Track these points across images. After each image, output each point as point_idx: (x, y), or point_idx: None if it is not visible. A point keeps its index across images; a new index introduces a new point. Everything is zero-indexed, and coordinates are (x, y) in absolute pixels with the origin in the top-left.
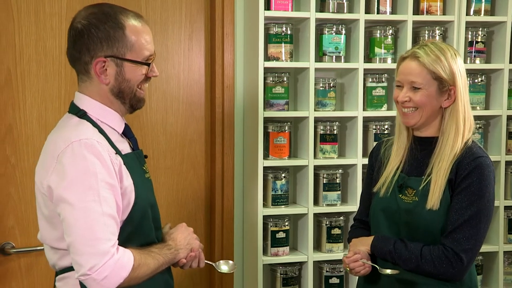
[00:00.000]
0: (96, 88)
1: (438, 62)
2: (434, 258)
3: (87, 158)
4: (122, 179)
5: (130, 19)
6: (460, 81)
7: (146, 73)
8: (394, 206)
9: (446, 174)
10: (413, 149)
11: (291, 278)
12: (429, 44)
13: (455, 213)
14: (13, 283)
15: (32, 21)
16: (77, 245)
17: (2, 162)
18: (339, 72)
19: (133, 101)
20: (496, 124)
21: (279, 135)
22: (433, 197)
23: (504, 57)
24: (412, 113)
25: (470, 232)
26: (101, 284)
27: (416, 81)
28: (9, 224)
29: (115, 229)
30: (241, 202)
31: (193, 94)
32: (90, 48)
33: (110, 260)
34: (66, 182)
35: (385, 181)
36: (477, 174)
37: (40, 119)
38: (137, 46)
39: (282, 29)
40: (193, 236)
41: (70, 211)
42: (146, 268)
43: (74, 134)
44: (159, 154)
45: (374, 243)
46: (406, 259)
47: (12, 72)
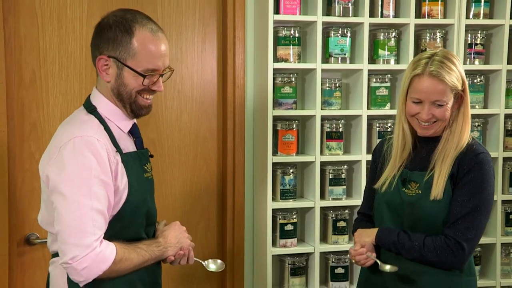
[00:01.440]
0: (104, 85)
1: (454, 75)
2: (437, 247)
3: (85, 155)
4: (117, 177)
5: (145, 29)
6: (467, 85)
7: (144, 84)
8: (398, 200)
9: (449, 168)
10: (418, 147)
11: (298, 268)
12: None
13: (458, 206)
14: (38, 271)
15: (55, 25)
16: (64, 235)
17: (27, 158)
18: (345, 73)
19: (133, 107)
20: (494, 122)
21: (287, 132)
22: (436, 188)
23: (502, 59)
24: (432, 125)
25: (472, 223)
26: (81, 274)
27: (441, 99)
28: (33, 216)
29: (102, 224)
30: (251, 196)
31: (206, 93)
32: (100, 45)
33: (91, 252)
34: (62, 174)
35: (388, 177)
36: (478, 170)
37: (62, 117)
38: (139, 56)
39: (291, 32)
40: (185, 235)
41: (62, 202)
42: (129, 263)
43: (78, 130)
44: (173, 150)
45: (379, 234)
46: (409, 248)
47: (36, 73)
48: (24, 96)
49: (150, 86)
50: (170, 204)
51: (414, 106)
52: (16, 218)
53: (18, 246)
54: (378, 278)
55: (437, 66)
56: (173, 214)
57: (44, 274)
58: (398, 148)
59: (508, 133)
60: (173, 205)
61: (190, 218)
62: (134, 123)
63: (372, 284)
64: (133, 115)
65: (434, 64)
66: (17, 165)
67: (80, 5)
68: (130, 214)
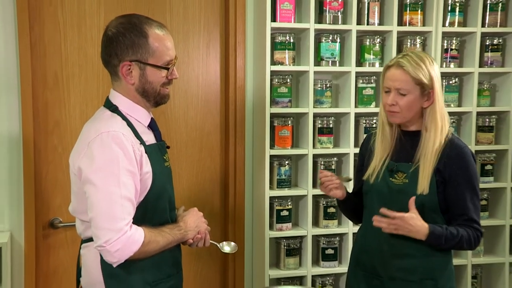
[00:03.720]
0: (125, 87)
1: (419, 69)
2: (472, 238)
3: (112, 148)
4: (142, 166)
5: (154, 28)
6: (437, 84)
7: (166, 76)
8: (386, 189)
9: (432, 163)
10: (402, 141)
11: (293, 249)
12: (410, 54)
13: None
14: (61, 251)
15: (75, 32)
16: (97, 221)
17: (51, 151)
18: (335, 75)
19: (158, 98)
20: (468, 119)
21: (283, 128)
22: (422, 184)
23: (475, 62)
24: (396, 113)
25: (477, 212)
26: (114, 255)
27: (402, 87)
28: (57, 203)
29: (131, 210)
30: (251, 185)
31: (210, 93)
32: (118, 53)
33: (123, 236)
34: (93, 167)
35: (375, 168)
36: (465, 163)
37: (82, 115)
38: (158, 52)
39: (286, 38)
40: (202, 220)
41: (94, 192)
42: (155, 245)
43: (104, 126)
44: (181, 144)
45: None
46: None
47: (58, 75)
48: (48, 96)
49: (169, 76)
50: (178, 192)
51: (385, 95)
52: (41, 204)
53: (43, 229)
54: (367, 259)
55: (405, 60)
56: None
57: (66, 255)
58: (379, 139)
59: (479, 128)
60: (181, 193)
61: (196, 204)
62: (152, 118)
63: (362, 264)
64: (156, 105)
65: (404, 59)
66: (42, 157)
67: (97, 14)
68: (154, 199)
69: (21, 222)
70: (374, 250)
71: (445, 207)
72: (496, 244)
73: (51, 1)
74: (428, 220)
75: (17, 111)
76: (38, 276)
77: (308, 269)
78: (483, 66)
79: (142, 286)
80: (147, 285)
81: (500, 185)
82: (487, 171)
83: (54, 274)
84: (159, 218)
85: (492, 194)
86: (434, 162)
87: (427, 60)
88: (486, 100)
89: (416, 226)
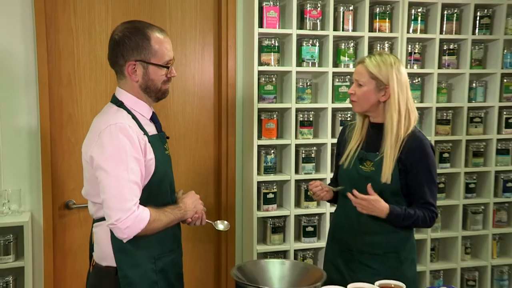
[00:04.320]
0: (130, 84)
1: (377, 67)
2: (427, 217)
3: (120, 138)
4: (146, 154)
5: (155, 32)
6: (394, 83)
7: (166, 74)
8: (356, 174)
9: (395, 154)
10: (370, 132)
11: (278, 227)
12: (376, 54)
13: (421, 188)
14: (75, 230)
15: (86, 37)
16: (108, 202)
17: (65, 142)
18: (314, 74)
19: (159, 94)
20: (428, 113)
21: (269, 121)
22: (385, 173)
23: (434, 64)
24: (356, 103)
25: (434, 196)
26: (124, 232)
27: (359, 79)
28: (71, 187)
29: (137, 192)
30: (241, 171)
31: (205, 90)
32: (124, 54)
33: (131, 215)
34: (104, 155)
35: (348, 155)
36: (424, 154)
37: (92, 110)
38: (159, 53)
39: (272, 42)
40: (199, 201)
41: (105, 177)
42: (159, 223)
43: (112, 119)
44: (179, 135)
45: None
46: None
47: (71, 75)
48: (62, 93)
49: (169, 74)
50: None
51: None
52: (57, 188)
53: (59, 210)
54: (341, 235)
55: (368, 58)
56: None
57: (80, 233)
58: (355, 131)
59: (438, 121)
60: (180, 178)
61: (193, 188)
62: (153, 112)
63: (337, 240)
64: (156, 101)
65: (368, 57)
66: (57, 147)
67: (105, 21)
68: (157, 183)
69: (40, 204)
70: (346, 228)
71: (406, 192)
72: (451, 221)
73: (65, 10)
74: (392, 202)
75: (35, 106)
76: (55, 251)
77: (291, 244)
78: (441, 68)
79: (147, 259)
80: (152, 258)
81: (455, 170)
82: (444, 158)
83: (69, 249)
84: (161, 200)
85: (449, 178)
86: (396, 152)
87: (389, 60)
88: (444, 97)
89: (379, 206)
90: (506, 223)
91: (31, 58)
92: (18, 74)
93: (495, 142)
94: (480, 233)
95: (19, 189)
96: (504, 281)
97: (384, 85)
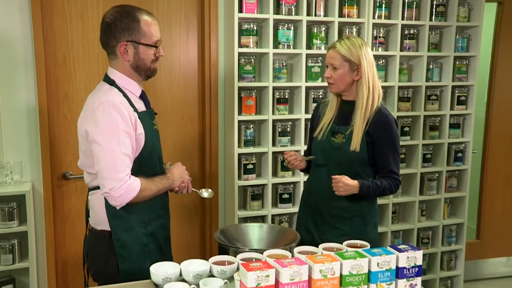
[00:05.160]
0: (121, 64)
1: (348, 50)
2: (392, 185)
3: (112, 114)
4: (136, 129)
5: (144, 15)
6: (365, 62)
7: (154, 53)
8: (328, 146)
9: (363, 127)
10: (342, 108)
11: (257, 195)
12: (344, 38)
13: (386, 158)
14: (72, 198)
15: (79, 21)
16: (102, 173)
17: (62, 118)
18: (289, 56)
19: (148, 72)
20: (391, 91)
21: (248, 98)
22: (354, 142)
23: (397, 47)
24: (331, 85)
25: (397, 165)
26: (117, 200)
27: (334, 63)
28: (67, 159)
29: (129, 163)
30: (223, 144)
31: (189, 71)
32: (116, 36)
33: (124, 184)
34: (98, 130)
35: (321, 129)
36: (389, 129)
37: (86, 88)
38: (148, 34)
39: (250, 26)
40: (185, 172)
41: (99, 150)
42: (149, 191)
43: (105, 96)
44: (167, 112)
45: (360, 181)
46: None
47: (66, 57)
48: (58, 73)
49: (157, 53)
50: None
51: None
52: (55, 160)
53: (58, 180)
54: (312, 200)
55: (338, 43)
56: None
57: (77, 201)
58: (328, 108)
59: (400, 99)
60: (167, 151)
61: (180, 160)
62: (142, 90)
63: (308, 206)
64: (146, 79)
65: (338, 42)
66: (55, 123)
67: (97, 7)
68: (147, 155)
69: (39, 175)
70: (317, 194)
71: (373, 162)
72: (410, 187)
73: None
74: (360, 171)
75: (33, 85)
76: (55, 217)
77: (268, 210)
78: (403, 51)
79: (139, 224)
80: (143, 223)
81: (414, 142)
82: (405, 132)
83: (68, 215)
84: (151, 171)
85: (408, 150)
86: (364, 124)
87: (357, 43)
88: (405, 77)
89: (350, 182)
90: (456, 188)
91: (28, 41)
92: (17, 55)
93: (448, 117)
94: (434, 197)
95: (20, 161)
96: (452, 237)
97: (356, 65)
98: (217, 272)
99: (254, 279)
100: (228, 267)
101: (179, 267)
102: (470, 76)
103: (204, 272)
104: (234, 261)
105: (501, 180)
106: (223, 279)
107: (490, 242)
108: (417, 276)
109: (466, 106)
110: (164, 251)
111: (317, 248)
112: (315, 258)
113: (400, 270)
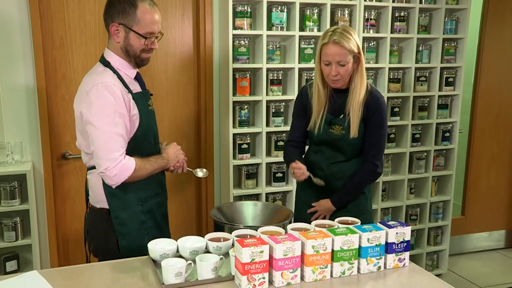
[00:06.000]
0: (115, 45)
1: (350, 42)
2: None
3: (106, 95)
4: (130, 109)
5: (145, 4)
6: (361, 48)
7: (146, 44)
8: (327, 138)
9: (360, 113)
10: (334, 97)
11: (251, 174)
12: (338, 30)
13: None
14: (72, 177)
15: (76, 3)
16: (98, 153)
17: (60, 98)
18: (283, 38)
19: (137, 60)
20: (382, 73)
21: (243, 80)
22: (353, 130)
23: (387, 29)
24: (338, 80)
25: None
26: (112, 179)
27: (341, 60)
28: (66, 139)
29: (123, 144)
30: (218, 124)
31: (185, 52)
32: (112, 15)
33: (118, 164)
34: (92, 111)
35: (315, 121)
36: (380, 112)
37: (83, 70)
38: (142, 23)
39: (245, 8)
40: (180, 151)
41: (94, 130)
42: (144, 171)
43: (99, 78)
44: (163, 93)
45: (333, 200)
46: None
47: (63, 38)
48: (55, 55)
49: (149, 45)
50: (161, 130)
51: (325, 67)
52: (54, 140)
53: (57, 160)
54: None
55: (338, 36)
56: (163, 138)
57: (76, 180)
58: (316, 99)
59: (390, 80)
60: (164, 131)
61: (175, 140)
62: (137, 72)
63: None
64: (136, 66)
65: (336, 35)
66: (53, 103)
67: None
68: (142, 135)
69: (40, 155)
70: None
71: None
72: (399, 166)
73: None
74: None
75: (31, 67)
76: (56, 195)
77: (263, 188)
78: (393, 33)
79: (136, 202)
80: (140, 201)
81: (404, 122)
82: (395, 112)
83: (68, 194)
84: (146, 150)
85: (398, 130)
86: (361, 111)
87: (352, 32)
88: (395, 58)
89: (327, 207)
90: (443, 167)
91: (26, 23)
92: (15, 37)
93: (437, 98)
94: (422, 176)
95: (20, 141)
96: (439, 214)
97: (357, 55)
98: (213, 248)
99: (248, 254)
100: (224, 244)
101: (176, 244)
102: (458, 58)
103: (200, 248)
104: (229, 237)
105: (486, 159)
106: (219, 255)
107: (474, 218)
108: (405, 251)
109: (454, 87)
110: (162, 228)
111: (310, 225)
112: (307, 234)
113: (389, 245)
